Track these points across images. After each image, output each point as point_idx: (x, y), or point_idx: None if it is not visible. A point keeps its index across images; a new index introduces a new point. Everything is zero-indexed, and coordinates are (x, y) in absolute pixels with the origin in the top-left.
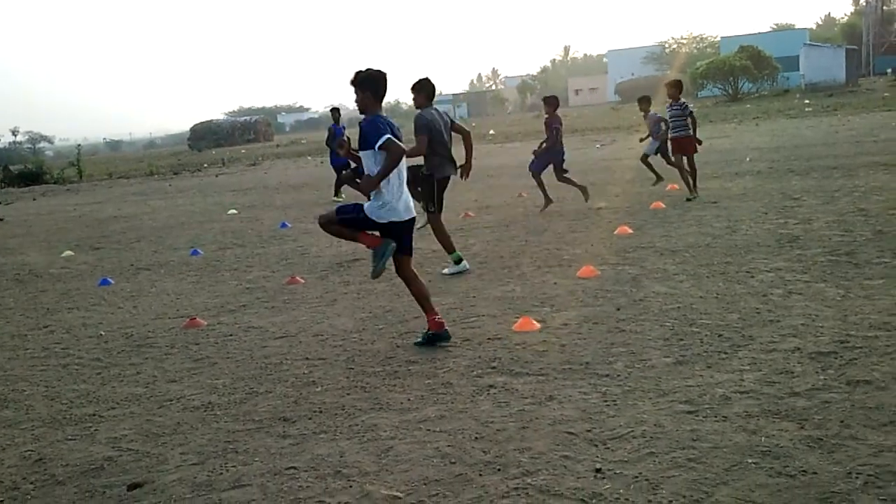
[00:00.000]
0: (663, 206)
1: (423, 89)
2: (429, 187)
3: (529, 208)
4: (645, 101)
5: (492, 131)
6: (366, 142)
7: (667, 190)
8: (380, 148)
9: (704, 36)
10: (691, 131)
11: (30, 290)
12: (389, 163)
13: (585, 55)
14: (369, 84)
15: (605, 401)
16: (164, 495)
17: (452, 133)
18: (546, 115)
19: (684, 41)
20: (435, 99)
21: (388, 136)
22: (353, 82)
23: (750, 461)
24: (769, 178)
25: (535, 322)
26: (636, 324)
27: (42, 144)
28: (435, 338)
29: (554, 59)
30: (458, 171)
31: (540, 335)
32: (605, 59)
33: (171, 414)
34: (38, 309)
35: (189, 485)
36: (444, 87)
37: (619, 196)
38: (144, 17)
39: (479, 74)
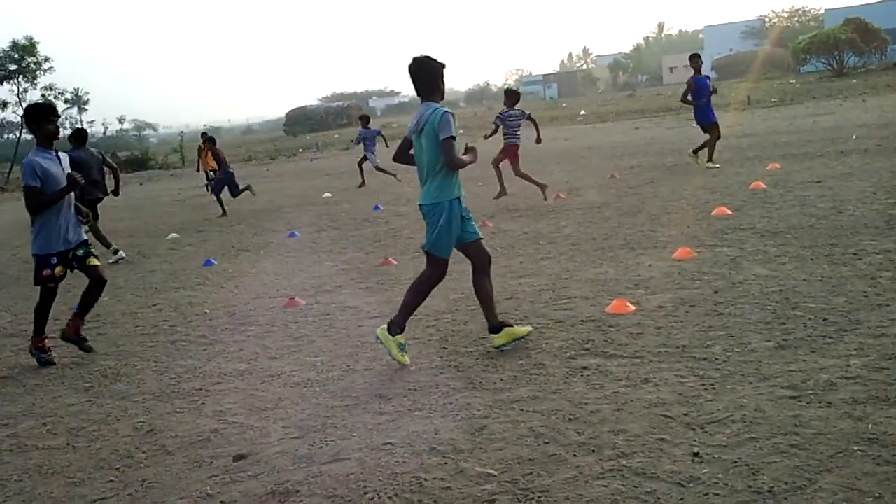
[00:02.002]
0: (763, 185)
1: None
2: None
3: (622, 189)
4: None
5: (583, 112)
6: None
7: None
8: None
9: (807, 8)
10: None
11: (139, 271)
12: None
13: (681, 31)
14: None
15: (703, 384)
16: (267, 466)
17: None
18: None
19: (785, 14)
20: (524, 80)
21: None
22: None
23: (856, 448)
24: (877, 157)
25: (629, 304)
26: (735, 307)
27: (147, 132)
28: None
29: (647, 37)
30: None
31: (634, 317)
32: (701, 35)
33: (272, 389)
34: (147, 288)
35: (291, 457)
36: (533, 68)
37: (717, 176)
38: (242, 8)
39: (570, 54)
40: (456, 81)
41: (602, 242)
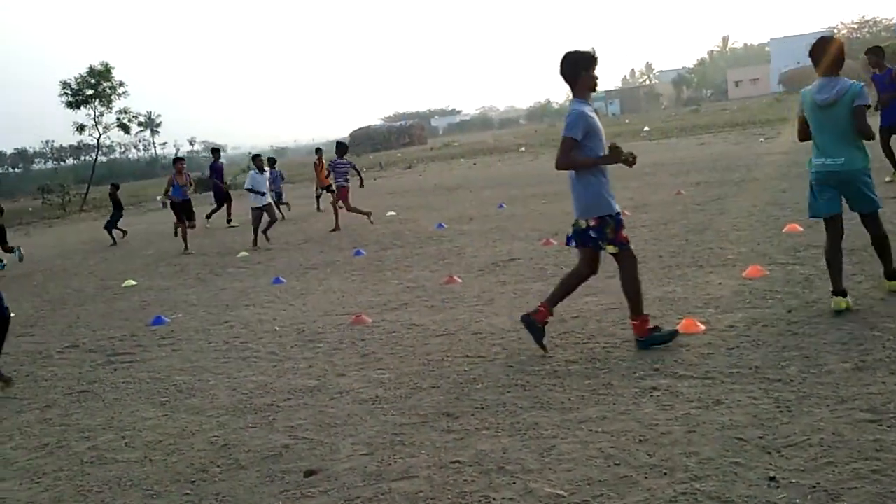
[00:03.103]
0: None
1: None
2: None
3: (689, 206)
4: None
5: (646, 128)
6: None
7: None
8: None
9: (878, 19)
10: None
11: (211, 288)
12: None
13: (746, 45)
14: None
15: (778, 406)
16: (337, 483)
17: None
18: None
19: (855, 25)
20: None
21: None
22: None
23: None
24: None
25: (699, 323)
26: (810, 327)
27: None
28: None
29: (711, 51)
30: None
31: (705, 337)
32: (767, 48)
33: (341, 406)
34: (219, 305)
35: (360, 474)
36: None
37: (787, 191)
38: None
39: (633, 69)
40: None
41: (669, 260)
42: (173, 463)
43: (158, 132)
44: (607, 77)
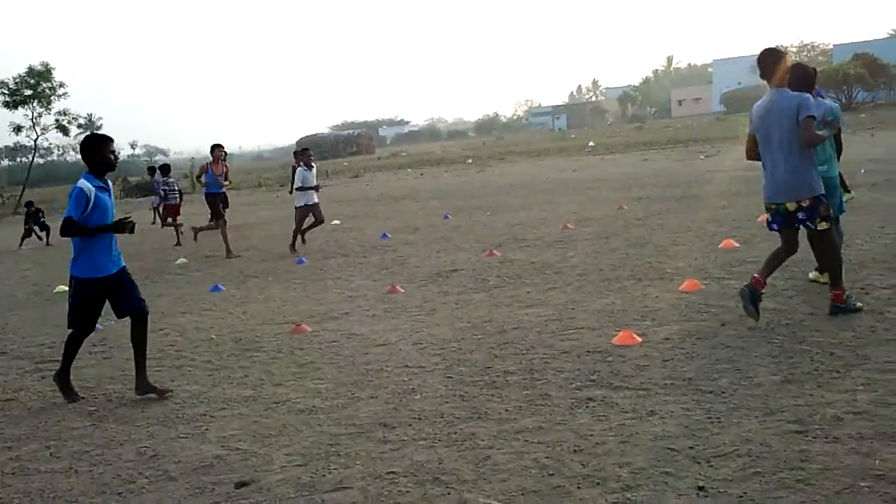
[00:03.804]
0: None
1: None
2: None
3: (630, 221)
4: None
5: (591, 143)
6: None
7: None
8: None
9: (816, 44)
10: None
11: (146, 295)
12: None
13: (689, 65)
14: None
15: (709, 417)
16: (269, 494)
17: None
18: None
19: (794, 49)
20: (534, 111)
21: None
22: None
23: (863, 485)
24: (886, 191)
25: (635, 336)
26: (742, 340)
27: (158, 157)
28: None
29: (656, 70)
30: None
31: (641, 349)
32: (710, 69)
33: (277, 416)
34: (154, 313)
35: (293, 485)
36: (542, 99)
37: (725, 208)
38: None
39: (580, 86)
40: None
41: (609, 273)
42: (100, 474)
43: None
44: (555, 93)
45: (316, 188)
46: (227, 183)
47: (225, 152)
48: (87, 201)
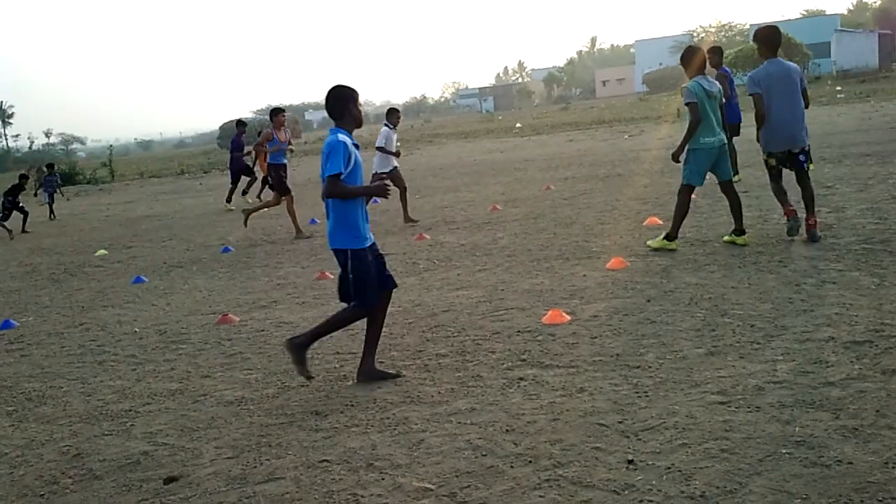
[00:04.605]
0: (693, 196)
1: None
2: None
3: (557, 201)
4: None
5: (518, 124)
6: None
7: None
8: None
9: (733, 24)
10: None
11: (65, 289)
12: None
13: (612, 46)
14: None
15: (637, 392)
16: (199, 489)
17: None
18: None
19: (712, 29)
20: (461, 93)
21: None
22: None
23: (784, 452)
24: None
25: (564, 314)
26: (667, 315)
27: (74, 146)
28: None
29: (580, 51)
30: None
31: (570, 327)
32: (632, 50)
33: (205, 409)
34: (74, 307)
35: (224, 478)
36: (469, 82)
37: (648, 187)
38: (173, 17)
39: (506, 67)
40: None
41: (538, 253)
42: (20, 476)
43: (11, 123)
44: (481, 75)
45: (397, 153)
46: (291, 150)
47: (286, 116)
48: (348, 157)
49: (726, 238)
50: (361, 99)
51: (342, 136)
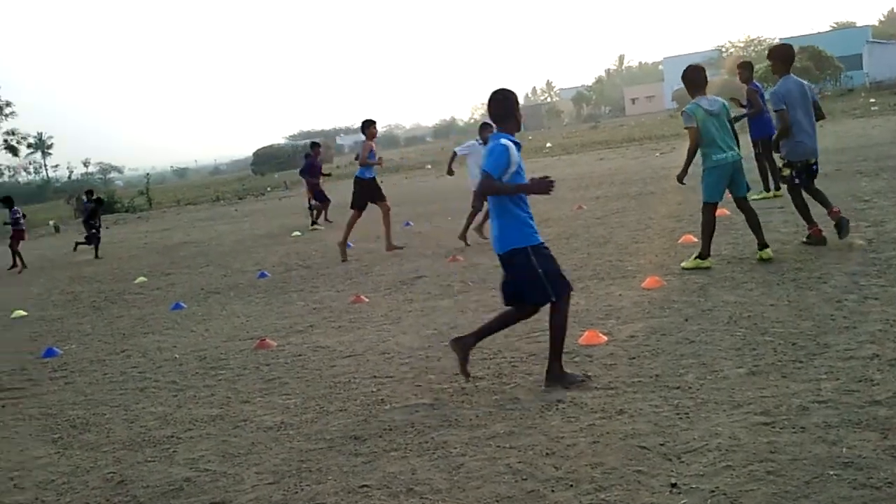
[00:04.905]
0: (728, 212)
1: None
2: None
3: (590, 220)
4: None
5: (549, 144)
6: None
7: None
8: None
9: (762, 38)
10: None
11: (106, 316)
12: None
13: (641, 63)
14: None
15: (678, 413)
16: None
17: None
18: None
19: (741, 44)
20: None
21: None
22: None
23: (831, 473)
24: (836, 181)
25: (601, 335)
26: (706, 334)
27: (112, 175)
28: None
29: (609, 69)
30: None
31: (607, 348)
32: (660, 67)
33: (245, 434)
34: (115, 334)
35: None
36: None
37: (681, 204)
38: (205, 47)
39: (534, 87)
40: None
41: (572, 274)
42: (66, 503)
43: (50, 154)
44: None
45: None
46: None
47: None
48: (510, 159)
49: (758, 255)
50: (391, 122)
51: (504, 140)
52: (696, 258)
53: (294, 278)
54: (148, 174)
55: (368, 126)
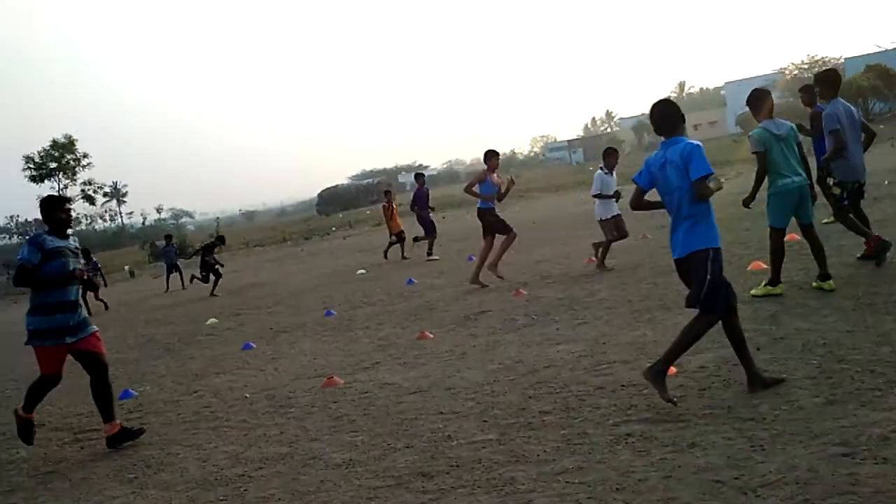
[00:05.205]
0: (798, 237)
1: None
2: None
3: (655, 249)
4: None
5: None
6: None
7: None
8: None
9: (826, 58)
10: None
11: (179, 358)
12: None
13: (702, 89)
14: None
15: (752, 446)
16: None
17: None
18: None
19: (805, 66)
20: (549, 146)
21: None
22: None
23: None
24: None
25: (671, 367)
26: (779, 363)
27: (184, 219)
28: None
29: (669, 96)
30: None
31: (677, 380)
32: (722, 92)
33: (314, 472)
34: (188, 375)
35: None
36: (558, 134)
37: (749, 230)
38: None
39: (593, 118)
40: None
41: (638, 304)
42: None
43: (125, 202)
44: (569, 126)
45: (617, 196)
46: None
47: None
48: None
49: (814, 284)
50: (451, 158)
51: (691, 140)
52: (766, 285)
53: (360, 315)
54: (218, 218)
55: (491, 156)
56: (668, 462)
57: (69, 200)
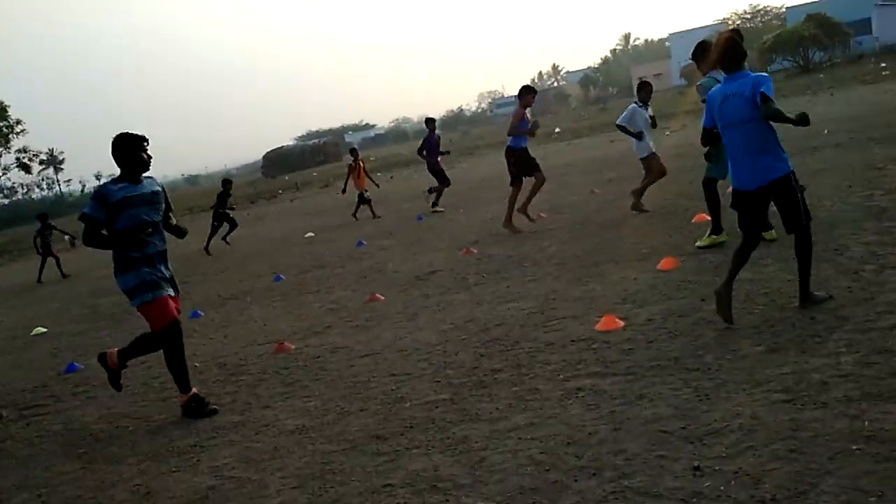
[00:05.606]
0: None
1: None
2: None
3: (603, 204)
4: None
5: (557, 129)
6: None
7: None
8: None
9: (768, 8)
10: None
11: (126, 328)
12: None
13: (647, 41)
14: None
15: (698, 396)
16: None
17: None
18: None
19: (748, 16)
20: (497, 102)
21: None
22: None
23: (854, 448)
24: (849, 150)
25: (618, 320)
26: None
27: None
28: None
29: (615, 49)
30: None
31: (624, 333)
32: (667, 44)
33: (267, 439)
34: None
35: None
36: (505, 89)
37: (693, 182)
38: (208, 50)
39: (540, 72)
40: (429, 109)
41: (587, 259)
42: None
43: (62, 169)
44: (516, 81)
45: (653, 122)
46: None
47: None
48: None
49: (699, 243)
50: (398, 116)
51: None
52: (710, 235)
53: (309, 280)
54: (226, 166)
55: (527, 93)
56: (618, 414)
57: (146, 140)
